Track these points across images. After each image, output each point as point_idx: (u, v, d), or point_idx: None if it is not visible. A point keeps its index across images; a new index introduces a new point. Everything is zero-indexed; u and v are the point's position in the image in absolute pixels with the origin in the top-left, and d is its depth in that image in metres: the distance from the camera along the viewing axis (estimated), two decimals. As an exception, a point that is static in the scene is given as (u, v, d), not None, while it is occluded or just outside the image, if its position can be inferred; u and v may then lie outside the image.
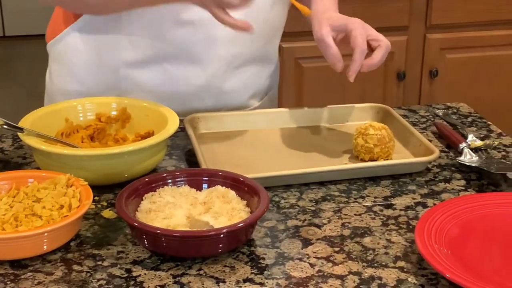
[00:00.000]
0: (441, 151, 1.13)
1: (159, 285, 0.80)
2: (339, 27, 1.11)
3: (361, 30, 1.09)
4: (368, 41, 1.09)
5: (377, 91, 2.26)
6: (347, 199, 0.99)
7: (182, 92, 1.22)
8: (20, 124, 1.01)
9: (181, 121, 1.09)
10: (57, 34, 1.25)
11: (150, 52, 1.19)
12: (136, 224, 0.83)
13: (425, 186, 1.03)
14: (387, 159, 1.07)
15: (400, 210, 0.97)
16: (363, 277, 0.82)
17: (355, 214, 0.95)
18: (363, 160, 1.08)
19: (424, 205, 0.98)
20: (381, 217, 0.95)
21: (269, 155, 1.11)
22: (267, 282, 0.81)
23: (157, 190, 0.92)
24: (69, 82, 1.25)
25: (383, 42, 1.09)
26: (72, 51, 1.23)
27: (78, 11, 1.20)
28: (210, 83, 1.22)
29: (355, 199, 0.99)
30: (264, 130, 1.19)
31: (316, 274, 0.82)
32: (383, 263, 0.84)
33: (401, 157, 1.09)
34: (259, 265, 0.84)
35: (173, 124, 1.03)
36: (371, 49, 1.10)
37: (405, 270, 0.83)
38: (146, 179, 0.93)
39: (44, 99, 1.34)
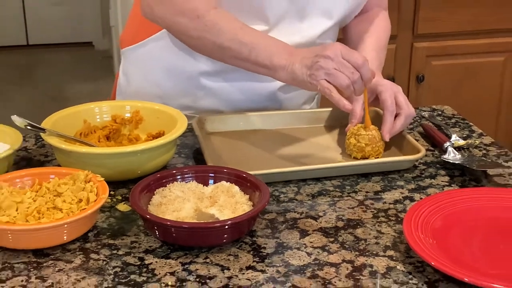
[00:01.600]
0: (427, 149, 1.13)
1: (169, 272, 0.80)
2: (369, 89, 1.10)
3: (390, 92, 1.08)
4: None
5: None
6: (341, 194, 0.99)
7: (253, 101, 1.22)
8: (42, 125, 1.01)
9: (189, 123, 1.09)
10: (138, 41, 1.24)
11: (228, 65, 1.18)
12: (148, 216, 0.83)
13: (412, 181, 1.03)
14: (378, 157, 1.07)
15: (390, 203, 0.97)
16: (355, 265, 0.82)
17: (348, 207, 0.95)
18: (355, 158, 1.07)
19: (412, 199, 0.98)
20: (372, 210, 0.95)
21: (269, 153, 1.11)
22: (267, 270, 0.81)
23: (167, 185, 0.92)
24: (148, 86, 1.24)
25: (404, 111, 1.08)
26: (153, 58, 1.23)
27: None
28: (276, 92, 1.22)
29: (348, 193, 0.99)
30: (266, 131, 1.19)
31: (313, 262, 0.82)
32: (374, 252, 0.85)
33: (390, 155, 1.09)
34: (261, 254, 0.84)
35: (182, 125, 1.03)
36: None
37: (394, 258, 0.83)
38: (157, 175, 0.93)
39: (116, 98, 1.33)
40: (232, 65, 1.13)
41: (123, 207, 0.95)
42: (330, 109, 1.22)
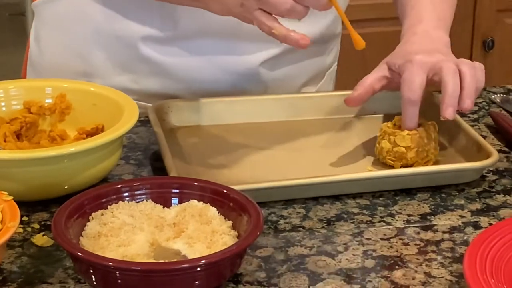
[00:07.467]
0: (499, 151, 1.13)
1: (112, 338, 0.80)
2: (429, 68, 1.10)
3: (453, 72, 1.07)
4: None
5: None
6: (370, 218, 0.99)
7: (223, 80, 1.24)
8: None
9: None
10: None
11: (185, 26, 1.20)
12: (80, 254, 0.83)
13: (478, 199, 1.04)
14: (426, 166, 1.07)
15: (444, 232, 0.97)
16: (393, 325, 0.82)
17: (381, 239, 0.95)
18: (392, 168, 1.08)
19: (476, 226, 0.98)
20: (418, 242, 0.95)
21: (264, 158, 1.11)
22: (261, 333, 0.81)
23: (109, 207, 0.92)
24: (68, 57, 1.26)
25: (466, 83, 1.06)
26: (76, 16, 1.25)
27: None
28: (258, 70, 1.24)
29: (381, 217, 1.00)
30: (259, 124, 1.19)
31: (329, 322, 0.83)
32: (421, 306, 0.85)
33: (445, 160, 1.10)
34: (250, 309, 0.84)
35: (130, 116, 1.03)
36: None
37: (450, 315, 0.84)
38: (94, 192, 0.93)
39: (27, 73, 1.34)
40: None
41: (42, 240, 0.94)
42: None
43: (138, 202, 0.94)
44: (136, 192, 0.94)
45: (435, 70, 1.08)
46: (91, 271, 0.84)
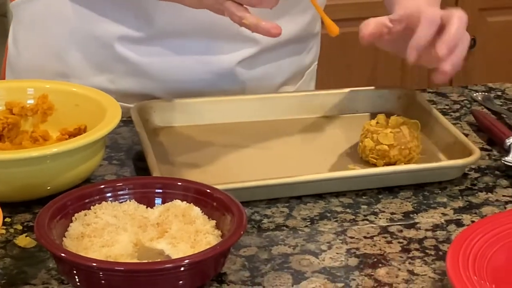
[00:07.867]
0: (481, 149, 1.14)
1: None
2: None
3: (430, 19, 1.06)
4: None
5: (393, 68, 2.26)
6: (353, 217, 1.00)
7: (200, 80, 1.25)
8: None
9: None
10: None
11: (161, 25, 1.21)
12: (63, 254, 0.83)
13: (460, 197, 1.04)
14: (409, 164, 1.08)
15: (426, 230, 0.97)
16: (376, 323, 0.83)
17: (364, 237, 0.96)
18: (375, 166, 1.08)
19: (459, 223, 0.99)
20: (400, 240, 0.95)
21: (247, 157, 1.12)
22: (245, 332, 0.81)
23: (92, 207, 0.92)
24: (46, 58, 1.27)
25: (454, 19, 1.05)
26: (53, 17, 1.25)
27: None
28: (235, 69, 1.25)
29: (364, 216, 1.00)
30: (242, 124, 1.19)
31: (313, 320, 0.83)
32: (404, 304, 0.85)
33: (427, 159, 1.10)
34: (234, 308, 0.84)
35: (113, 117, 1.03)
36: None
37: (433, 312, 0.84)
38: (77, 193, 0.93)
39: (6, 74, 1.34)
40: None
41: (24, 241, 0.94)
42: (338, 91, 1.23)
43: (121, 202, 0.94)
44: (119, 193, 0.94)
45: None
46: (75, 272, 0.84)
